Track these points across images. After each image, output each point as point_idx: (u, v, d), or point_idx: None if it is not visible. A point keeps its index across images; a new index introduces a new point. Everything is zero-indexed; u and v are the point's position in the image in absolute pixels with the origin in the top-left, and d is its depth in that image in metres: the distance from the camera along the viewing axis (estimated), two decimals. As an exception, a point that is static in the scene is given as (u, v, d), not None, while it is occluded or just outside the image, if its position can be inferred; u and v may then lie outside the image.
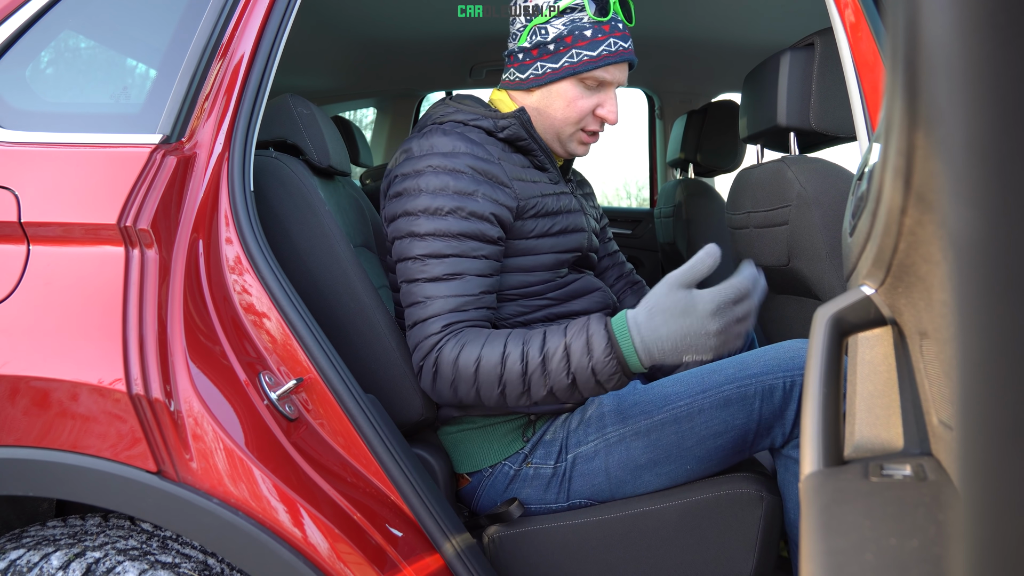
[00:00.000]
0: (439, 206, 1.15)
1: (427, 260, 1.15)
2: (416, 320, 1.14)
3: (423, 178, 1.16)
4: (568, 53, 1.25)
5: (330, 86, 3.00)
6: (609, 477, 1.19)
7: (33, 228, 0.98)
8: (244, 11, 1.10)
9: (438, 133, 1.21)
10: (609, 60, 1.25)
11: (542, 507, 1.22)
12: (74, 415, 0.94)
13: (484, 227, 1.17)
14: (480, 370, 1.09)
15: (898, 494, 0.46)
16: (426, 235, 1.15)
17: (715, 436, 1.17)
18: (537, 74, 1.28)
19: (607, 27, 1.26)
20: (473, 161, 1.18)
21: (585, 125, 1.31)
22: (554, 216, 1.28)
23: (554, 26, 1.26)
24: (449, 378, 1.11)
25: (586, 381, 1.06)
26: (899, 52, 0.34)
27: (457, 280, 1.14)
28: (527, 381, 1.08)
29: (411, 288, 1.16)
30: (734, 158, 2.43)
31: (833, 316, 0.57)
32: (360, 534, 0.97)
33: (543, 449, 1.23)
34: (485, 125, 1.25)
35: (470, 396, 1.11)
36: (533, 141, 1.28)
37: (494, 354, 1.09)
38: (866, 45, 1.09)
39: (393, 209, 1.19)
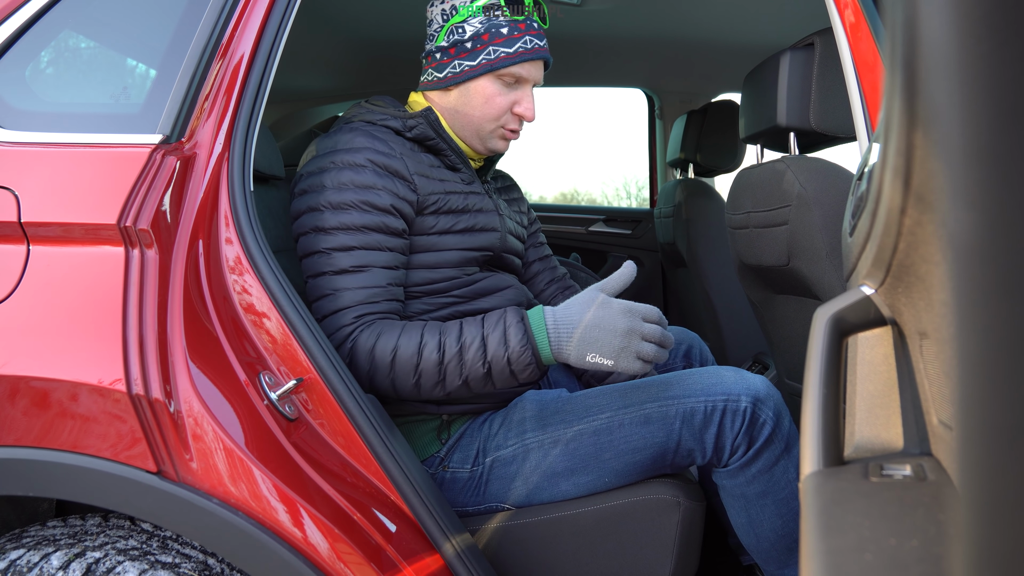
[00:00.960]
0: (342, 200, 1.17)
1: (333, 253, 1.16)
2: (326, 313, 1.16)
3: (326, 174, 1.19)
4: (485, 50, 1.28)
5: (330, 86, 3.00)
6: (526, 483, 1.20)
7: (33, 228, 0.98)
8: (244, 11, 1.10)
9: (344, 131, 1.24)
10: (526, 57, 1.28)
11: (458, 510, 1.23)
12: (74, 415, 0.94)
13: (387, 219, 1.19)
14: (396, 359, 1.11)
15: (898, 494, 0.46)
16: (331, 229, 1.17)
17: (633, 451, 1.19)
18: (455, 72, 1.31)
19: (523, 25, 1.29)
20: (374, 155, 1.20)
21: (504, 123, 1.33)
22: (459, 214, 1.30)
23: (471, 24, 1.28)
24: (364, 368, 1.12)
25: (501, 371, 1.11)
26: (898, 52, 0.34)
27: (364, 272, 1.16)
28: (443, 370, 1.11)
29: (318, 282, 1.17)
30: (734, 158, 2.43)
31: (833, 316, 0.57)
32: (360, 534, 0.97)
33: (460, 452, 1.24)
34: (393, 125, 1.28)
35: (384, 386, 1.13)
36: (442, 140, 1.30)
37: (411, 343, 1.12)
38: (866, 45, 1.09)
39: (298, 206, 1.21)
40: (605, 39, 2.42)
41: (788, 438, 1.19)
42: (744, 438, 1.16)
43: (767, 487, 1.18)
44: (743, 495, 1.20)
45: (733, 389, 1.17)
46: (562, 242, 3.14)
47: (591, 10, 2.15)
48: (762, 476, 1.18)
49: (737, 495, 1.21)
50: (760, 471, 1.18)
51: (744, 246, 1.48)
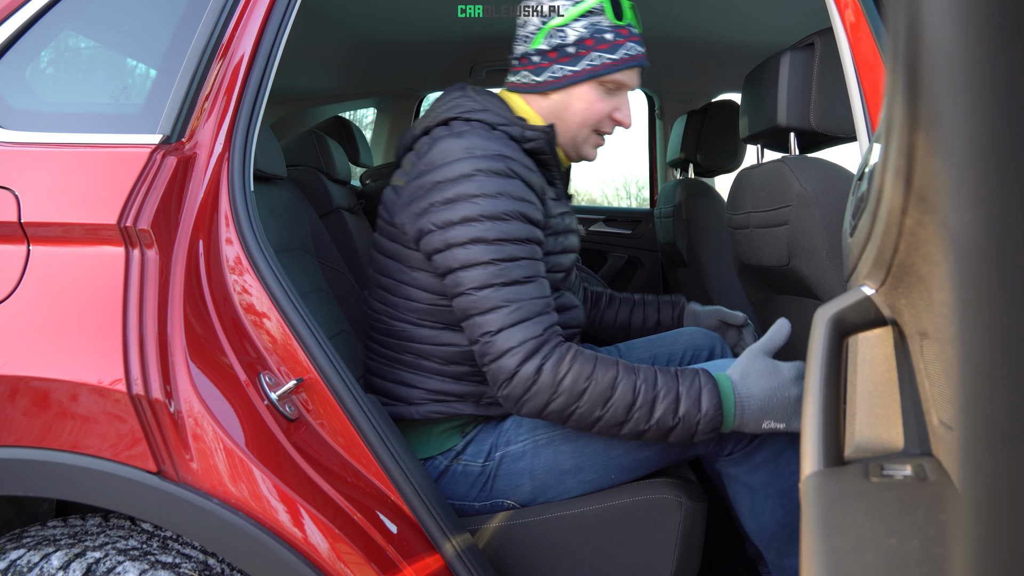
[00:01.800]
0: (502, 211, 1.11)
1: (502, 264, 1.10)
2: (503, 326, 1.09)
3: (475, 181, 1.12)
4: (588, 56, 1.24)
5: (330, 86, 3.00)
6: (533, 479, 1.20)
7: (33, 228, 0.98)
8: (244, 11, 1.10)
9: (476, 135, 1.17)
10: (629, 64, 1.26)
11: (463, 504, 1.23)
12: (74, 415, 0.94)
13: (538, 234, 1.17)
14: (590, 390, 1.07)
15: (898, 494, 0.46)
16: (496, 240, 1.10)
17: (642, 447, 1.19)
18: (555, 77, 1.26)
19: (625, 31, 1.26)
20: (518, 167, 1.16)
21: (600, 127, 1.31)
22: (558, 235, 1.28)
23: (574, 29, 1.24)
24: (549, 389, 1.07)
25: (686, 429, 1.09)
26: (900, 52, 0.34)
27: (535, 283, 1.13)
28: (632, 412, 1.08)
29: (487, 294, 1.10)
30: (734, 158, 2.43)
31: (833, 316, 0.57)
32: (360, 534, 0.97)
33: (474, 447, 1.24)
34: (512, 132, 1.21)
35: (560, 414, 1.09)
36: (552, 157, 1.27)
37: (606, 377, 1.08)
38: (866, 45, 1.09)
39: (446, 216, 1.12)
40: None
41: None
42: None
43: (770, 477, 1.19)
44: (747, 483, 1.21)
45: None
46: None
47: (591, 10, 2.14)
48: (766, 465, 1.19)
49: (741, 483, 1.21)
50: (764, 460, 1.19)
51: (744, 246, 1.48)
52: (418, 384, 1.24)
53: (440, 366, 1.23)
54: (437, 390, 1.23)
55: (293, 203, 1.61)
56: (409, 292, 1.22)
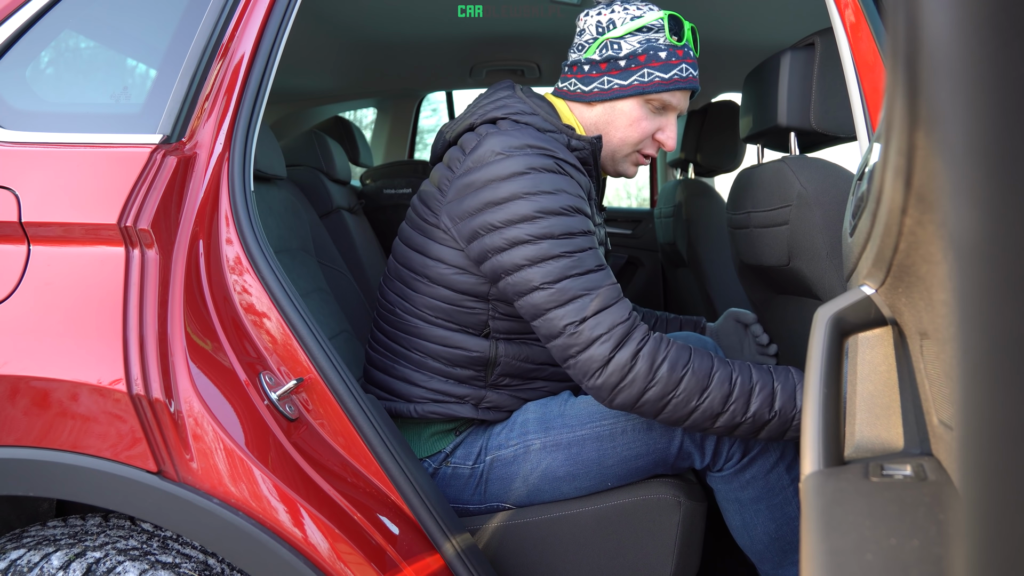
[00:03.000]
0: (563, 205, 1.10)
1: (575, 255, 1.08)
2: (587, 315, 1.06)
3: (530, 179, 1.10)
4: (639, 72, 1.22)
5: (330, 86, 2.99)
6: (527, 484, 1.20)
7: (33, 228, 0.98)
8: (244, 11, 1.10)
9: (527, 135, 1.14)
10: (680, 85, 1.23)
11: (459, 507, 1.22)
12: (74, 415, 0.94)
13: (592, 227, 1.16)
14: (688, 378, 1.05)
15: (898, 494, 0.46)
16: (563, 235, 1.08)
17: (636, 457, 1.19)
18: (603, 88, 1.25)
19: (681, 52, 1.24)
20: (569, 168, 1.15)
21: (643, 148, 1.29)
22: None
23: (628, 43, 1.23)
24: (646, 378, 1.04)
25: (782, 423, 1.07)
26: (900, 52, 0.34)
27: (606, 271, 1.12)
28: (728, 404, 1.06)
29: (565, 285, 1.07)
30: (734, 158, 2.43)
31: (833, 316, 0.57)
32: (360, 534, 0.97)
33: (464, 449, 1.24)
34: (561, 141, 1.20)
35: (654, 400, 1.06)
36: (594, 167, 1.26)
37: (703, 365, 1.06)
38: (866, 45, 1.09)
39: (504, 215, 1.09)
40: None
41: (783, 446, 1.20)
42: (739, 447, 1.18)
43: (761, 493, 1.19)
44: (737, 499, 1.21)
45: None
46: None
47: (591, 10, 2.14)
48: (756, 482, 1.19)
49: (732, 499, 1.22)
50: (754, 477, 1.19)
51: (744, 246, 1.48)
52: (420, 383, 1.23)
53: (445, 367, 1.22)
54: (438, 390, 1.23)
55: (293, 203, 1.61)
56: (433, 290, 1.20)
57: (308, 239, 1.66)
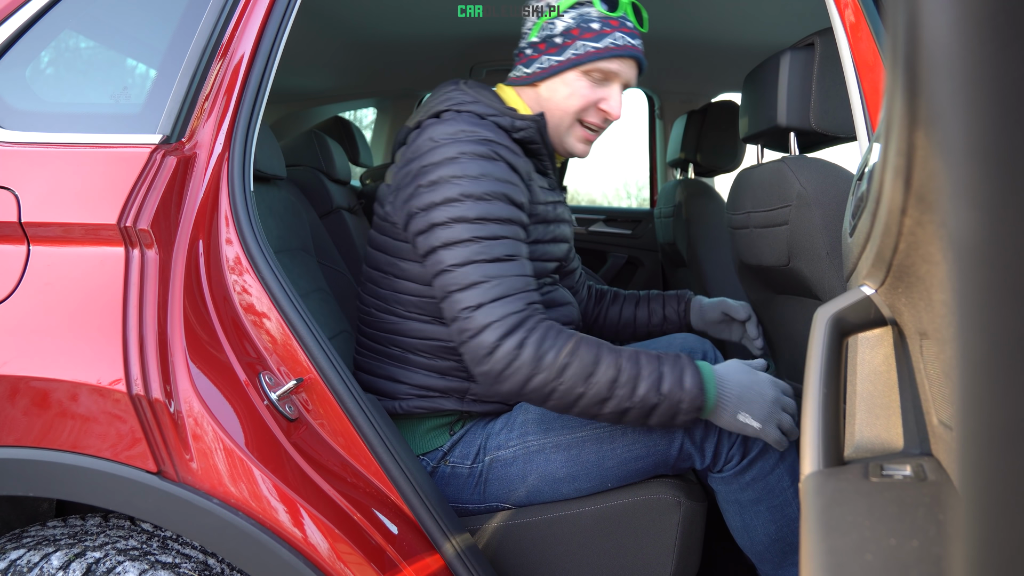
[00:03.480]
0: (485, 191, 1.11)
1: (484, 241, 1.10)
2: (483, 301, 1.07)
3: (459, 164, 1.12)
4: (573, 45, 1.25)
5: (330, 86, 2.99)
6: (526, 484, 1.20)
7: (33, 228, 0.98)
8: (244, 11, 1.10)
9: (463, 122, 1.18)
10: (614, 52, 1.25)
11: (459, 506, 1.23)
12: (74, 415, 0.94)
13: (522, 216, 1.17)
14: (572, 366, 1.05)
15: (898, 494, 0.46)
16: (477, 219, 1.10)
17: (636, 459, 1.19)
18: (542, 67, 1.28)
19: (615, 22, 1.26)
20: (502, 151, 1.17)
21: (585, 116, 1.29)
22: (548, 224, 1.28)
23: (563, 20, 1.26)
24: (531, 365, 1.05)
25: (669, 408, 1.08)
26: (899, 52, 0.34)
27: (516, 262, 1.12)
28: (615, 389, 1.06)
29: (468, 270, 1.09)
30: (734, 158, 2.43)
31: (833, 316, 0.57)
32: (360, 534, 0.97)
33: (462, 448, 1.24)
34: (503, 123, 1.22)
35: (539, 388, 1.07)
36: (544, 146, 1.28)
37: (589, 353, 1.07)
38: (866, 45, 1.09)
39: (429, 197, 1.13)
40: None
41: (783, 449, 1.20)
42: (739, 448, 1.18)
43: (761, 494, 1.19)
44: (737, 500, 1.21)
45: None
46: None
47: (591, 10, 2.14)
48: (756, 484, 1.19)
49: (732, 500, 1.22)
50: (754, 479, 1.19)
51: (744, 246, 1.48)
52: (403, 379, 1.25)
53: (426, 360, 1.23)
54: (421, 385, 1.24)
55: (293, 203, 1.61)
56: (399, 284, 1.23)
57: (308, 239, 1.66)
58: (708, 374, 1.10)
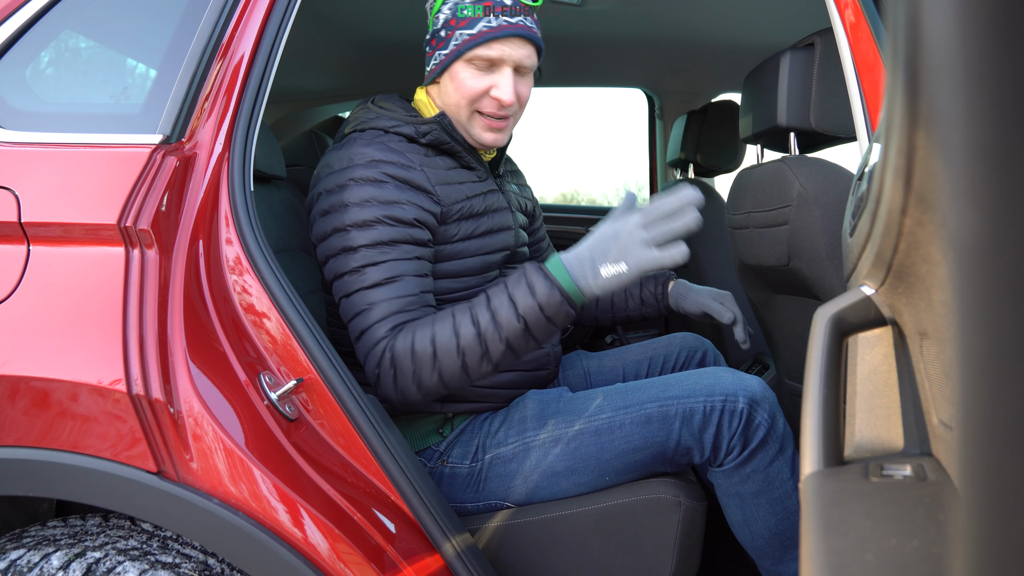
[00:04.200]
0: (367, 217, 1.15)
1: (364, 270, 1.14)
2: (362, 329, 1.14)
3: (347, 192, 1.16)
4: (454, 36, 1.24)
5: (330, 86, 2.99)
6: (526, 481, 1.21)
7: (33, 228, 0.98)
8: (244, 11, 1.10)
9: (358, 144, 1.21)
10: (489, 36, 1.22)
11: (457, 506, 1.23)
12: (74, 415, 0.94)
13: (413, 232, 1.18)
14: (437, 347, 1.09)
15: (898, 494, 0.46)
16: (359, 247, 1.14)
17: (634, 451, 1.19)
18: (436, 63, 1.28)
19: (488, 3, 1.23)
20: (392, 169, 1.18)
21: (480, 107, 1.27)
22: (479, 217, 1.28)
23: (442, 12, 1.26)
24: (409, 369, 1.10)
25: (536, 321, 1.07)
26: (900, 52, 0.34)
27: (396, 282, 1.15)
28: (483, 340, 1.08)
29: (352, 300, 1.15)
30: (734, 158, 2.43)
31: (833, 316, 0.57)
32: (360, 534, 0.97)
33: (460, 448, 1.25)
34: (406, 132, 1.24)
35: (433, 381, 1.11)
36: (456, 143, 1.28)
37: (445, 327, 1.10)
38: (866, 45, 1.09)
39: (323, 228, 1.18)
40: (605, 39, 2.42)
41: (783, 439, 1.20)
42: (740, 439, 1.18)
43: (761, 487, 1.19)
44: (738, 494, 1.21)
45: (731, 390, 1.18)
46: (562, 242, 3.13)
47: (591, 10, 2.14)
48: (757, 476, 1.19)
49: (732, 493, 1.22)
50: (755, 471, 1.19)
51: (744, 246, 1.48)
52: None
53: None
54: None
55: (293, 203, 1.61)
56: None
57: (308, 239, 1.65)
58: (555, 264, 1.08)
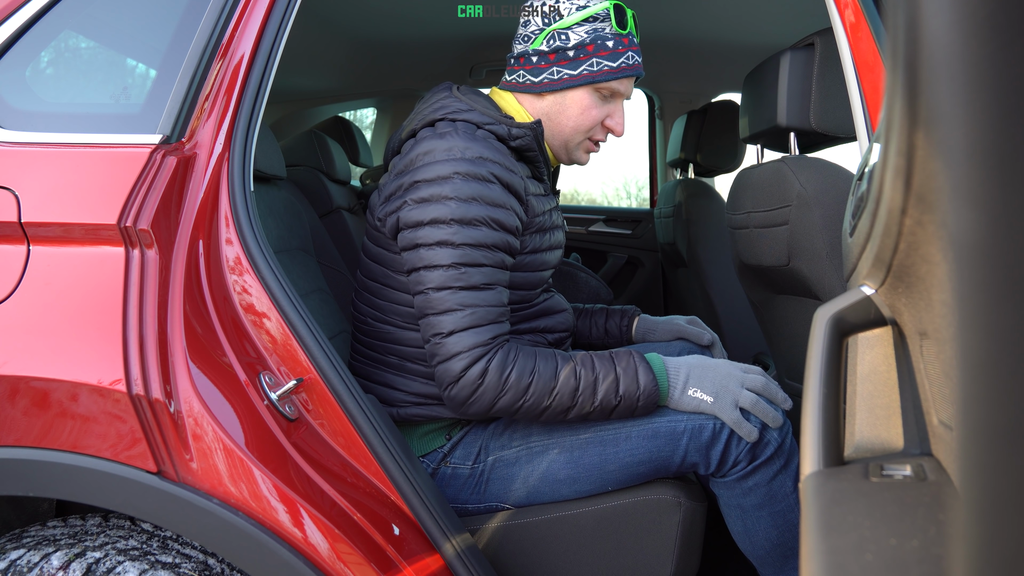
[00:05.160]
0: (473, 216, 1.12)
1: (464, 268, 1.11)
2: (454, 328, 1.11)
3: (451, 184, 1.12)
4: (588, 61, 1.24)
5: (330, 86, 2.99)
6: (527, 485, 1.21)
7: (33, 228, 0.98)
8: (244, 11, 1.10)
9: (460, 136, 1.17)
10: (627, 72, 1.26)
11: (458, 506, 1.23)
12: (74, 415, 0.94)
13: (511, 240, 1.17)
14: (534, 382, 1.11)
15: (898, 494, 0.46)
16: (461, 244, 1.11)
17: (638, 464, 1.19)
18: (553, 79, 1.26)
19: (626, 40, 1.26)
20: (499, 171, 1.16)
21: (593, 135, 1.31)
22: (544, 232, 1.29)
23: (576, 33, 1.25)
24: (497, 388, 1.10)
25: (629, 405, 1.15)
26: (899, 52, 0.34)
27: (493, 291, 1.14)
28: (577, 396, 1.13)
29: (444, 296, 1.11)
30: (734, 158, 2.43)
31: (833, 316, 0.57)
32: (360, 534, 0.97)
33: (462, 449, 1.25)
34: (499, 131, 1.22)
35: (508, 409, 1.13)
36: (540, 153, 1.27)
37: (548, 368, 1.12)
38: (866, 45, 1.09)
39: (419, 215, 1.13)
40: (605, 39, 2.42)
41: (788, 454, 1.20)
42: (747, 455, 1.17)
43: (764, 500, 1.19)
44: (739, 505, 1.21)
45: None
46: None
47: (591, 10, 2.14)
48: (759, 489, 1.19)
49: (734, 505, 1.21)
50: (757, 484, 1.18)
51: (744, 246, 1.48)
52: (401, 387, 1.25)
53: (424, 368, 1.23)
54: (419, 393, 1.24)
55: (293, 203, 1.61)
56: (395, 295, 1.24)
57: (308, 239, 1.66)
58: (658, 365, 1.17)
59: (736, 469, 1.18)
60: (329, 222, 2.23)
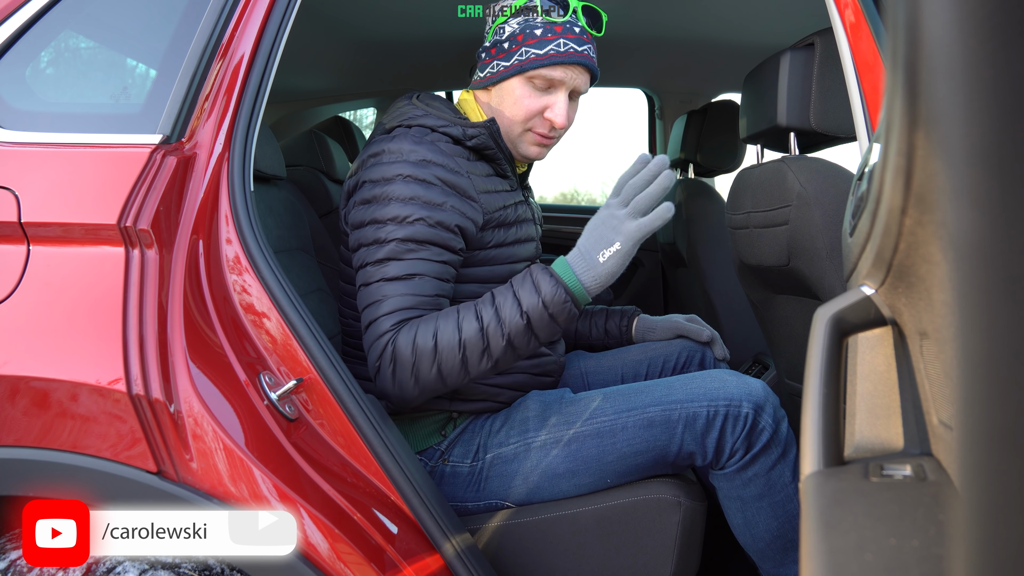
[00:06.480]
0: (407, 214, 1.15)
1: (387, 262, 1.15)
2: (370, 319, 1.15)
3: (393, 186, 1.16)
4: (519, 51, 1.26)
5: (330, 86, 2.99)
6: (526, 481, 1.21)
7: (33, 228, 0.98)
8: (244, 11, 1.10)
9: (408, 140, 1.20)
10: (556, 60, 1.24)
11: (457, 505, 1.23)
12: (74, 415, 0.94)
13: (448, 237, 1.18)
14: (439, 341, 1.10)
15: (898, 494, 0.46)
16: (390, 240, 1.15)
17: (635, 454, 1.19)
18: (492, 72, 1.29)
19: (560, 28, 1.26)
20: (443, 173, 1.18)
21: (533, 126, 1.30)
22: (510, 227, 1.30)
23: (510, 24, 1.27)
24: (409, 362, 1.10)
25: (540, 318, 1.10)
26: (899, 52, 0.34)
27: (414, 280, 1.15)
28: (485, 336, 1.10)
29: (368, 289, 1.16)
30: (734, 158, 2.43)
31: (833, 316, 0.57)
32: (360, 534, 0.97)
33: (461, 447, 1.25)
34: (454, 133, 1.25)
35: (431, 376, 1.11)
36: (499, 150, 1.29)
37: (449, 323, 1.11)
38: (866, 45, 1.09)
39: (360, 216, 1.18)
40: (605, 39, 2.42)
41: (785, 443, 1.20)
42: (743, 443, 1.18)
43: (763, 490, 1.19)
44: (739, 497, 1.21)
45: (735, 394, 1.18)
46: (562, 242, 3.13)
47: (591, 10, 2.14)
48: (759, 479, 1.19)
49: (734, 497, 1.22)
50: (756, 475, 1.19)
51: (744, 246, 1.48)
52: None
53: None
54: None
55: (293, 203, 1.61)
56: None
57: (308, 239, 1.66)
58: (558, 263, 1.13)
59: (734, 460, 1.18)
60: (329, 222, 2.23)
